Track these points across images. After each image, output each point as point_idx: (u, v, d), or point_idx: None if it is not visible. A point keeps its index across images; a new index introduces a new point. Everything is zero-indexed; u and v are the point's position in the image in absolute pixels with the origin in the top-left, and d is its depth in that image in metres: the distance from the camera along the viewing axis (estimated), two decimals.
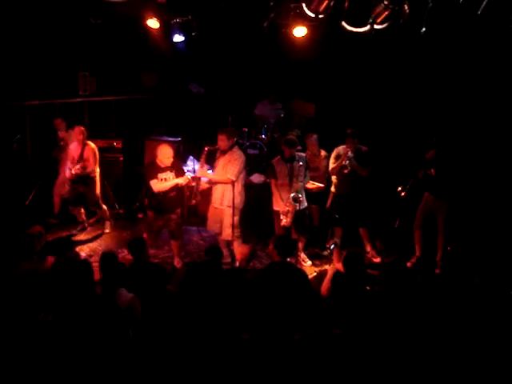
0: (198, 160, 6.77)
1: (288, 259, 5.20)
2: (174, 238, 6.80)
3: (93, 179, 7.49)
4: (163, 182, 6.47)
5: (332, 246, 5.67)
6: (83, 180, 7.41)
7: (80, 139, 7.38)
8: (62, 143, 7.96)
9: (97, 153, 7.50)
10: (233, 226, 6.50)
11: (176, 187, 6.56)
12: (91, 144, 7.49)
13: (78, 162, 7.32)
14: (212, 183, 6.76)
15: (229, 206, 6.48)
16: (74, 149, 7.44)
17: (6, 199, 7.78)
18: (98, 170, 7.54)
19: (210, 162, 6.95)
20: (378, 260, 6.86)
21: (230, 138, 6.54)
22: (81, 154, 7.37)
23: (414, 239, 6.88)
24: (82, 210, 7.78)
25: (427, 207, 6.73)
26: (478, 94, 7.71)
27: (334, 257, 5.44)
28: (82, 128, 7.44)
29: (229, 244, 6.77)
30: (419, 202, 6.82)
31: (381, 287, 4.45)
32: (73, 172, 7.30)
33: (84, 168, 7.31)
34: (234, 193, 6.40)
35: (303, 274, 5.08)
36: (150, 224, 6.72)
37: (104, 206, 7.78)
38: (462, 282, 6.16)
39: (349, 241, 6.93)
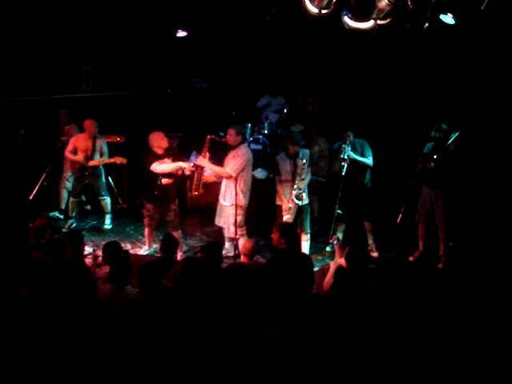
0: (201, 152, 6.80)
1: None
2: (173, 229, 6.77)
3: (100, 169, 7.56)
4: (164, 164, 6.52)
5: (335, 242, 5.71)
6: (93, 172, 7.45)
7: (93, 131, 7.39)
8: (63, 138, 7.88)
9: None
10: (236, 225, 6.45)
11: (174, 174, 6.59)
12: (101, 136, 7.54)
13: (92, 153, 7.37)
14: (217, 177, 6.76)
15: (232, 205, 6.42)
16: (83, 141, 7.41)
17: (11, 194, 7.81)
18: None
19: (214, 156, 6.89)
20: (375, 254, 6.91)
21: (237, 133, 6.55)
22: (93, 146, 7.39)
23: (418, 233, 6.90)
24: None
25: (425, 200, 6.76)
26: (479, 88, 7.70)
27: (337, 252, 5.48)
28: (94, 121, 7.43)
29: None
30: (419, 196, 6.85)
31: (378, 283, 4.50)
32: (97, 164, 7.38)
33: (102, 160, 7.41)
34: (236, 190, 6.36)
35: (310, 260, 5.30)
36: (151, 216, 6.75)
37: (108, 198, 7.78)
38: (464, 277, 6.22)
39: (352, 235, 6.95)
